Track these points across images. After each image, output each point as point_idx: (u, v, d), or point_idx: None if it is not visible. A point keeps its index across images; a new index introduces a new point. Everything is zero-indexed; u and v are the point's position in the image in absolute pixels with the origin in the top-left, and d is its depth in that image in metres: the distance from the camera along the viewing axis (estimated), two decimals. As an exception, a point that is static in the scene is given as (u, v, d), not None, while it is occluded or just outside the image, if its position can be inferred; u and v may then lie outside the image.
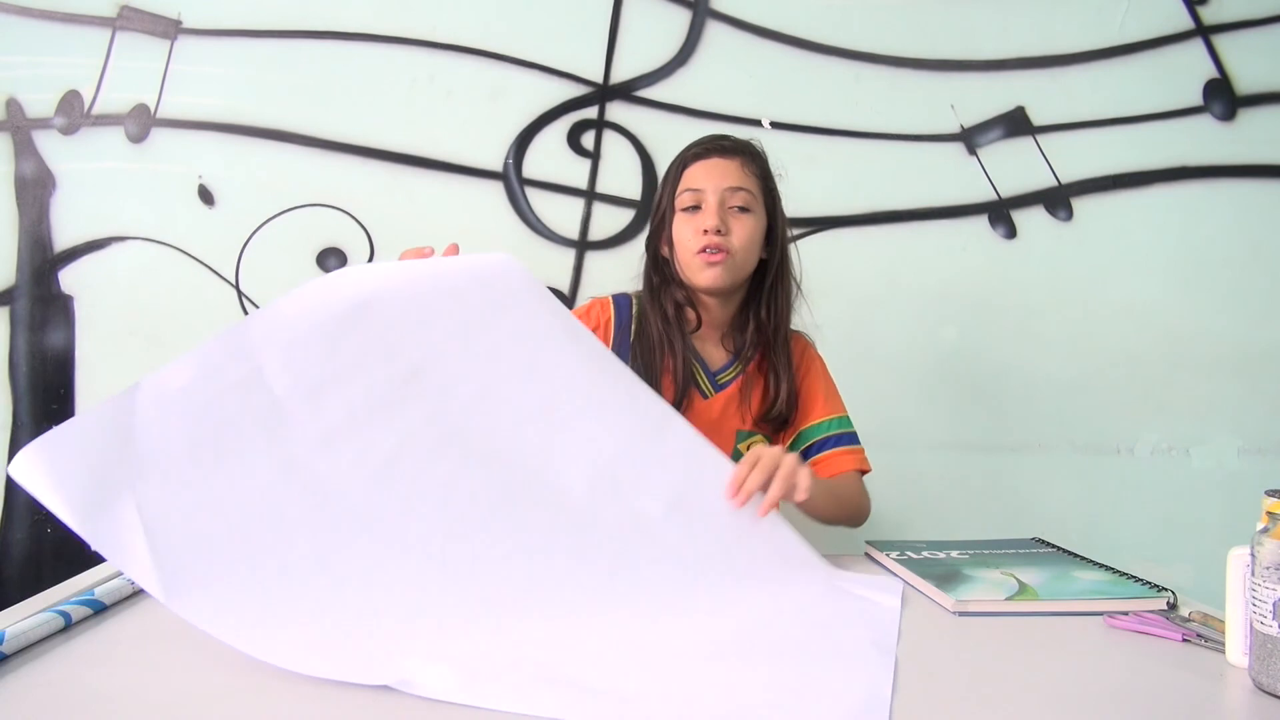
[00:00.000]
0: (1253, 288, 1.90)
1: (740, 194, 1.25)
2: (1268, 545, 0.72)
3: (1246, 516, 0.79)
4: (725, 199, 1.25)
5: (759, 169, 1.29)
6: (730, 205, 1.25)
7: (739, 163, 1.27)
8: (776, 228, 1.30)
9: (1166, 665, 0.79)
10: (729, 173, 1.26)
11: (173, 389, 0.83)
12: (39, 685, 0.73)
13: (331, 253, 1.86)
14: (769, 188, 1.30)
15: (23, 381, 1.85)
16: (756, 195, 1.27)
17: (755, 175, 1.28)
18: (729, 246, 1.23)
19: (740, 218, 1.25)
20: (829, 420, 1.32)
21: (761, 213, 1.28)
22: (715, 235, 1.22)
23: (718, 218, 1.23)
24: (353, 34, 1.85)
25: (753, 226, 1.26)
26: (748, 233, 1.25)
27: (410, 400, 0.90)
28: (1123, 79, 1.88)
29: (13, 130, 1.83)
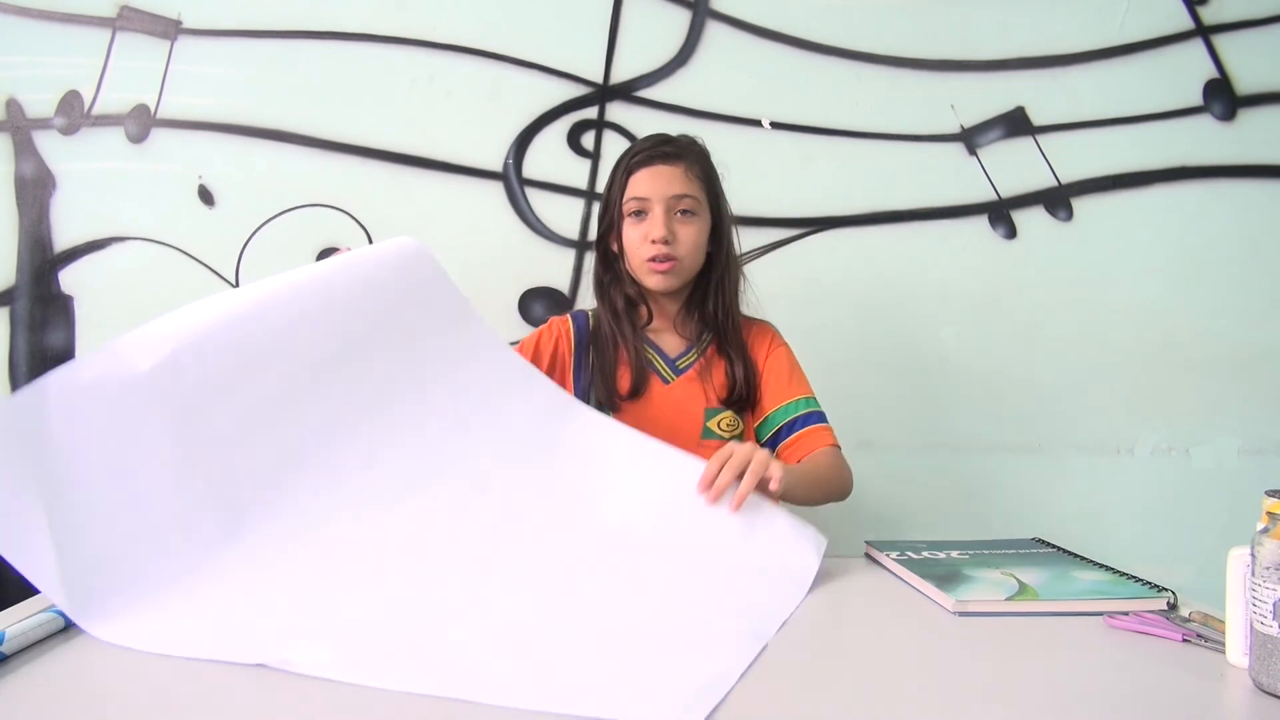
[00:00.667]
0: (1253, 288, 1.90)
1: (685, 200, 1.29)
2: (1268, 545, 0.72)
3: (1246, 516, 0.79)
4: (671, 206, 1.28)
5: (702, 170, 1.32)
6: (676, 211, 1.29)
7: (683, 168, 1.30)
8: (722, 224, 1.34)
9: (1166, 665, 0.79)
10: (674, 180, 1.29)
11: (81, 384, 0.82)
12: (39, 685, 0.73)
13: (331, 253, 1.86)
14: (713, 188, 1.33)
15: (23, 381, 1.84)
16: (701, 198, 1.31)
17: (699, 178, 1.31)
18: (676, 254, 1.28)
19: (685, 223, 1.29)
20: (796, 401, 1.35)
21: (706, 214, 1.32)
22: (663, 245, 1.27)
23: (665, 228, 1.27)
24: (353, 34, 1.85)
25: (698, 230, 1.30)
26: (693, 237, 1.30)
27: (326, 386, 0.94)
28: (1123, 79, 1.88)
29: (13, 130, 1.83)
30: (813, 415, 1.35)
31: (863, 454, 1.88)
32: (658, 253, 1.27)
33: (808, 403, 1.36)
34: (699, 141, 1.38)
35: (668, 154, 1.31)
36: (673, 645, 0.80)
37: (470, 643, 0.79)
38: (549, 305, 1.86)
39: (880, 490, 1.89)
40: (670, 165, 1.30)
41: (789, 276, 1.87)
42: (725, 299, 1.34)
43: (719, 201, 1.35)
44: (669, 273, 1.29)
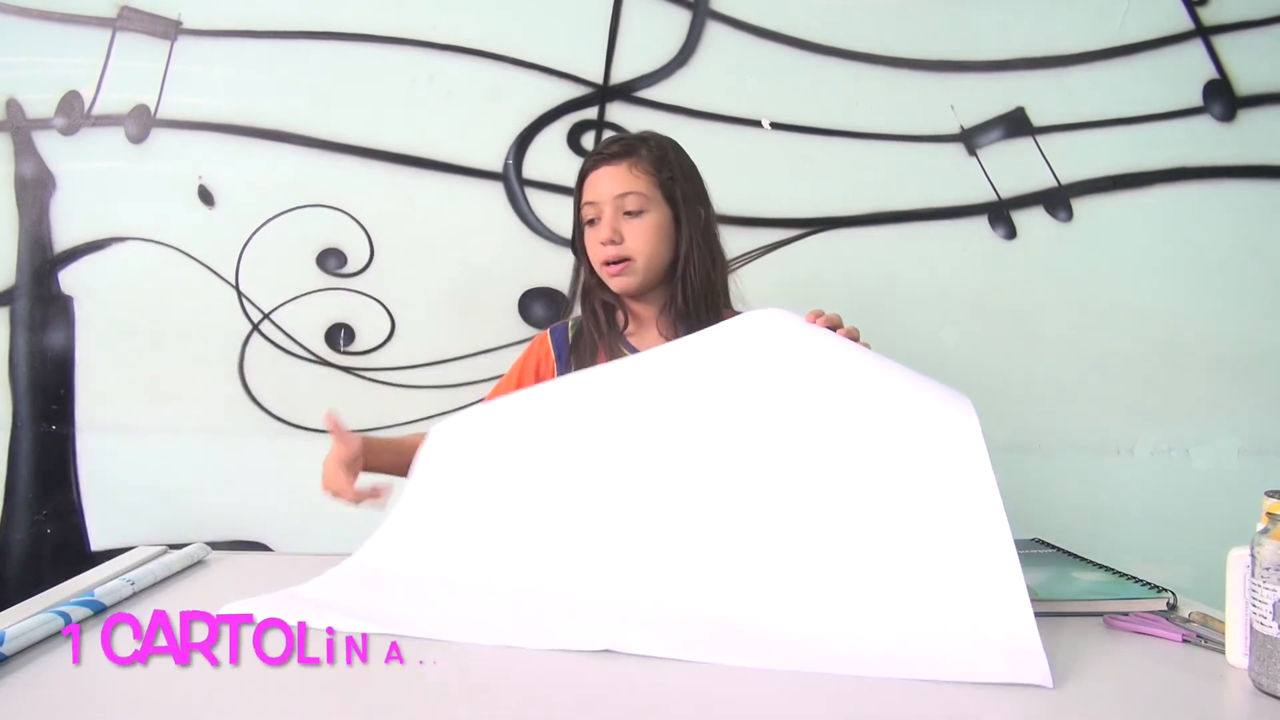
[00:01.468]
0: (1253, 288, 1.90)
1: (630, 198, 1.27)
2: (1268, 546, 0.72)
3: (1246, 516, 0.79)
4: (618, 206, 1.27)
5: (651, 164, 1.29)
6: (623, 211, 1.27)
7: (625, 166, 1.28)
8: (682, 216, 1.29)
9: (1166, 666, 0.79)
10: (616, 179, 1.27)
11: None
12: (39, 685, 0.73)
13: (331, 253, 1.86)
14: (667, 178, 1.29)
15: (23, 381, 1.85)
16: (649, 193, 1.27)
17: (646, 173, 1.28)
18: (628, 254, 1.26)
19: (633, 222, 1.27)
20: None
21: (660, 207, 1.28)
22: (612, 247, 1.26)
23: (610, 229, 1.26)
24: (353, 34, 1.85)
25: (648, 226, 1.27)
26: (643, 234, 1.27)
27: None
28: (1123, 79, 1.88)
29: (13, 130, 1.83)
30: None
31: (863, 454, 1.88)
32: (608, 255, 1.27)
33: None
34: (656, 137, 1.34)
35: (612, 154, 1.29)
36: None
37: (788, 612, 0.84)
38: (549, 305, 1.86)
39: (880, 490, 1.89)
40: (614, 165, 1.28)
41: (789, 276, 1.87)
42: (693, 293, 1.29)
43: (679, 194, 1.30)
44: (624, 274, 1.27)
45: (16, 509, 1.85)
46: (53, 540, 1.85)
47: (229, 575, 1.07)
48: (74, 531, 1.85)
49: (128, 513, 1.86)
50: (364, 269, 1.87)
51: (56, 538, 1.85)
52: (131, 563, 1.06)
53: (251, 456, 1.86)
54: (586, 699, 0.72)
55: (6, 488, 1.85)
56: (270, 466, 1.86)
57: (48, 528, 1.85)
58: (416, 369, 1.85)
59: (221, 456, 1.85)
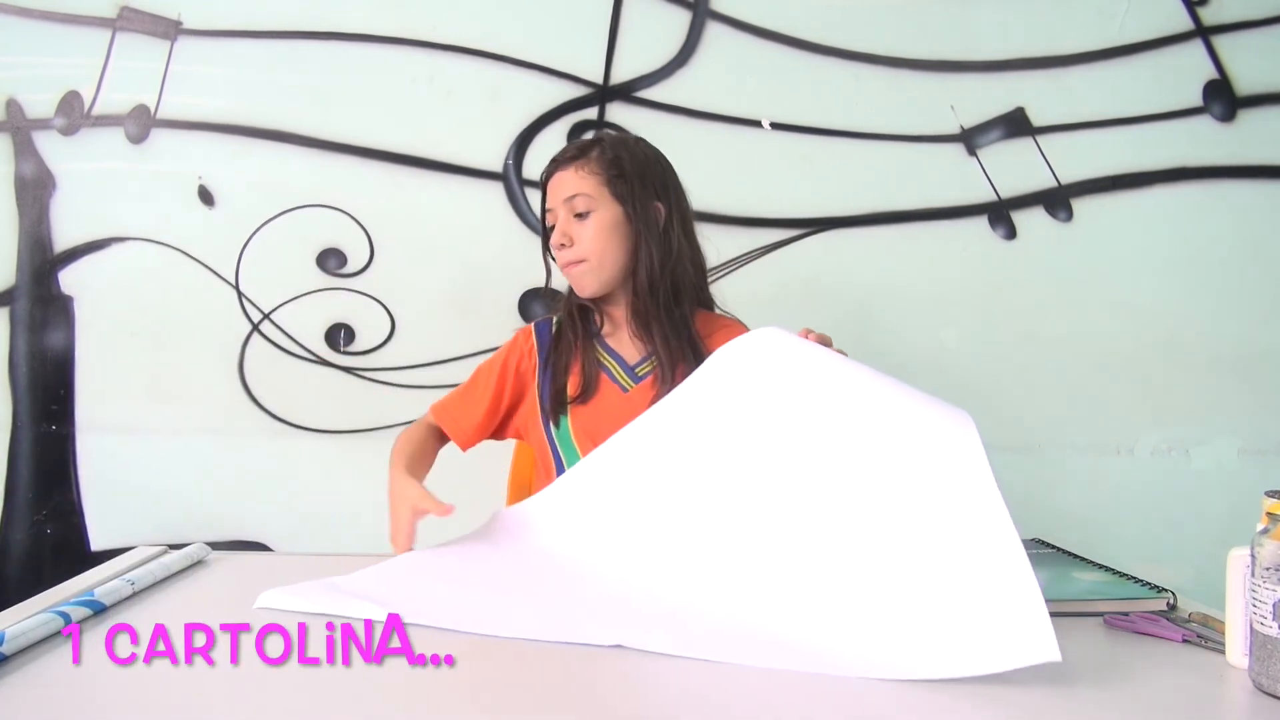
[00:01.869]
0: (1253, 288, 1.90)
1: (578, 199, 1.28)
2: (1268, 546, 0.72)
3: (1246, 516, 0.79)
4: (569, 209, 1.29)
5: (600, 165, 1.29)
6: (573, 214, 1.29)
7: (573, 169, 1.29)
8: (635, 211, 1.29)
9: (1166, 666, 0.79)
10: (565, 183, 1.29)
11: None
12: (39, 685, 0.73)
13: (331, 253, 1.86)
14: (615, 176, 1.29)
15: (23, 381, 1.85)
16: (595, 194, 1.28)
17: (594, 174, 1.29)
18: (580, 255, 1.28)
19: (581, 223, 1.29)
20: None
21: (608, 206, 1.29)
22: (565, 250, 1.28)
23: (561, 232, 1.28)
24: (353, 34, 1.85)
25: (596, 226, 1.28)
26: (593, 232, 1.28)
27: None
28: (1123, 79, 1.88)
29: (13, 130, 1.83)
30: None
31: (863, 454, 1.88)
32: (564, 258, 1.29)
33: None
34: (615, 138, 1.34)
35: (564, 159, 1.31)
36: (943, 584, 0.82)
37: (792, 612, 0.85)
38: (549, 305, 1.86)
39: (880, 490, 1.89)
40: (563, 169, 1.30)
41: (789, 276, 1.87)
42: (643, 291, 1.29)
43: (629, 193, 1.30)
44: (580, 274, 1.29)
45: (16, 509, 1.85)
46: (53, 540, 1.85)
47: (229, 575, 1.07)
48: (74, 531, 1.85)
49: (128, 513, 1.86)
50: (364, 269, 1.87)
51: (56, 538, 1.85)
52: (131, 563, 1.06)
53: (251, 456, 1.86)
54: (592, 699, 0.72)
55: (6, 488, 1.85)
56: (270, 466, 1.86)
57: (48, 528, 1.85)
58: (416, 369, 1.85)
59: (221, 456, 1.85)
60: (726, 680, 0.75)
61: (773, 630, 0.85)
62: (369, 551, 1.12)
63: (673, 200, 1.34)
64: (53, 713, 0.69)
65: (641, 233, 1.29)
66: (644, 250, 1.30)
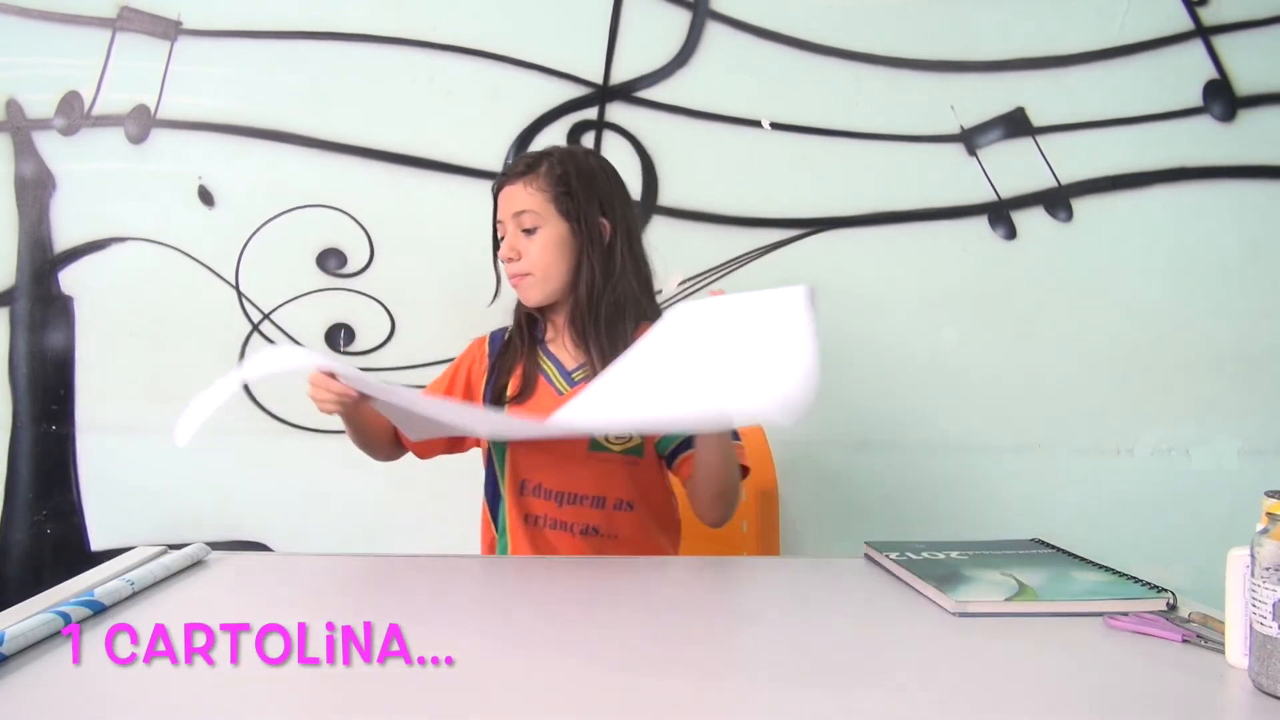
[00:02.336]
0: (1253, 288, 1.90)
1: (525, 215, 1.31)
2: (1268, 546, 0.72)
3: (1246, 516, 0.79)
4: (516, 224, 1.31)
5: (548, 182, 1.31)
6: (521, 229, 1.31)
7: (521, 184, 1.32)
8: (581, 227, 1.32)
9: (1166, 666, 0.79)
10: (514, 197, 1.32)
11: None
12: (39, 685, 0.73)
13: (331, 253, 1.86)
14: (562, 193, 1.32)
15: (23, 381, 1.85)
16: (542, 210, 1.31)
17: (541, 190, 1.31)
18: (526, 269, 1.31)
19: (528, 238, 1.31)
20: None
21: (554, 222, 1.31)
22: (511, 263, 1.31)
23: (508, 245, 1.32)
24: (353, 34, 1.85)
25: (542, 242, 1.31)
26: (538, 249, 1.31)
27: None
28: (1123, 79, 1.88)
29: (13, 131, 1.83)
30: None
31: (862, 454, 1.88)
32: (510, 271, 1.33)
33: None
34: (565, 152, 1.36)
35: (514, 173, 1.33)
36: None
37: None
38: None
39: (880, 490, 1.89)
40: (512, 184, 1.32)
41: (789, 276, 1.85)
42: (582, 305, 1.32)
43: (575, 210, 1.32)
44: (525, 286, 1.32)
45: (16, 509, 1.85)
46: (53, 540, 1.85)
47: (229, 575, 1.07)
48: (74, 531, 1.85)
49: (128, 513, 1.86)
50: (364, 269, 1.87)
51: (56, 538, 1.85)
52: (131, 563, 1.06)
53: (251, 456, 1.86)
54: (592, 700, 0.72)
55: (6, 488, 1.85)
56: (270, 466, 1.86)
57: (48, 528, 1.85)
58: (416, 369, 1.85)
59: (221, 456, 1.85)
60: (727, 681, 0.75)
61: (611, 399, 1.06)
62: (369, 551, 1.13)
63: (618, 216, 1.36)
64: (53, 713, 0.69)
65: (585, 249, 1.32)
66: (586, 266, 1.32)
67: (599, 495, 1.30)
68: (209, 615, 0.86)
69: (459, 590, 1.04)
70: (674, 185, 1.87)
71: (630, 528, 1.31)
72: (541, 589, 1.02)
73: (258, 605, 0.95)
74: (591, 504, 1.30)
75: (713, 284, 1.88)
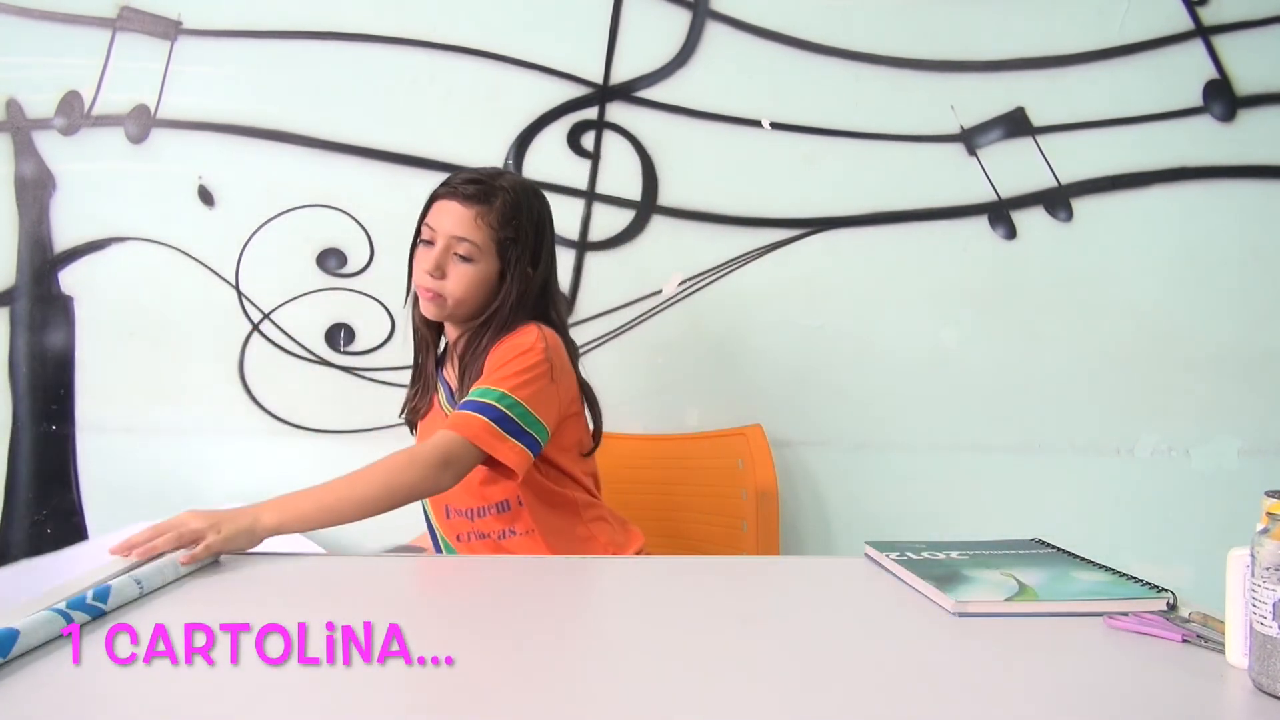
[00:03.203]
0: (1253, 288, 1.90)
1: (465, 244, 1.29)
2: (1268, 546, 0.72)
3: (1246, 517, 0.79)
4: (450, 245, 1.29)
5: (500, 218, 1.30)
6: (454, 251, 1.29)
7: (475, 213, 1.29)
8: (509, 275, 1.31)
9: (1166, 666, 0.79)
10: (461, 221, 1.29)
11: None
12: (39, 685, 0.73)
13: (331, 253, 1.87)
14: (508, 236, 1.30)
15: (23, 381, 1.85)
16: (484, 246, 1.29)
17: (490, 225, 1.29)
18: (443, 291, 1.30)
19: (461, 266, 1.30)
20: (476, 390, 1.26)
21: (490, 261, 1.31)
22: (430, 278, 1.29)
23: (434, 261, 1.29)
24: (353, 34, 1.85)
25: (472, 276, 1.30)
26: (465, 281, 1.29)
27: None
28: (1123, 79, 1.88)
29: (13, 130, 1.83)
30: (471, 403, 1.23)
31: (862, 454, 1.88)
32: (423, 284, 1.30)
33: (481, 393, 1.24)
34: (516, 189, 1.33)
35: (466, 194, 1.30)
36: None
37: None
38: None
39: (880, 490, 1.89)
40: (464, 205, 1.29)
41: (789, 276, 1.88)
42: (481, 345, 1.30)
43: (512, 255, 1.31)
44: (431, 304, 1.30)
45: (16, 509, 1.85)
46: (53, 540, 1.85)
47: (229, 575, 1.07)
48: (74, 531, 1.85)
49: (128, 513, 1.85)
50: (364, 269, 1.87)
51: (56, 538, 1.85)
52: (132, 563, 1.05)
53: (251, 456, 1.86)
54: (592, 700, 0.72)
55: (6, 488, 1.85)
56: (270, 466, 1.86)
57: (48, 528, 1.85)
58: (416, 369, 1.85)
59: (221, 456, 1.85)
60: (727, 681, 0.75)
61: None
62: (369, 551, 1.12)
63: (544, 262, 1.36)
64: (53, 713, 0.69)
65: (506, 292, 1.31)
66: (497, 306, 1.32)
67: (503, 500, 1.32)
68: (209, 615, 0.86)
69: (459, 590, 1.04)
70: (674, 185, 1.87)
71: (528, 522, 1.32)
72: (541, 589, 1.02)
73: (258, 605, 0.95)
74: (496, 510, 1.33)
75: (713, 283, 1.88)
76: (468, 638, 0.85)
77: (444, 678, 0.75)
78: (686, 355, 1.88)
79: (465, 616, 0.94)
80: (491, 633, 0.88)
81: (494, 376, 1.25)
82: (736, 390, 1.88)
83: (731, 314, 1.88)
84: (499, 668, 0.78)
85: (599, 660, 0.80)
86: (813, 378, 1.88)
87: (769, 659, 0.81)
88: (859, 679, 0.76)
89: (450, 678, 0.75)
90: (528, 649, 0.82)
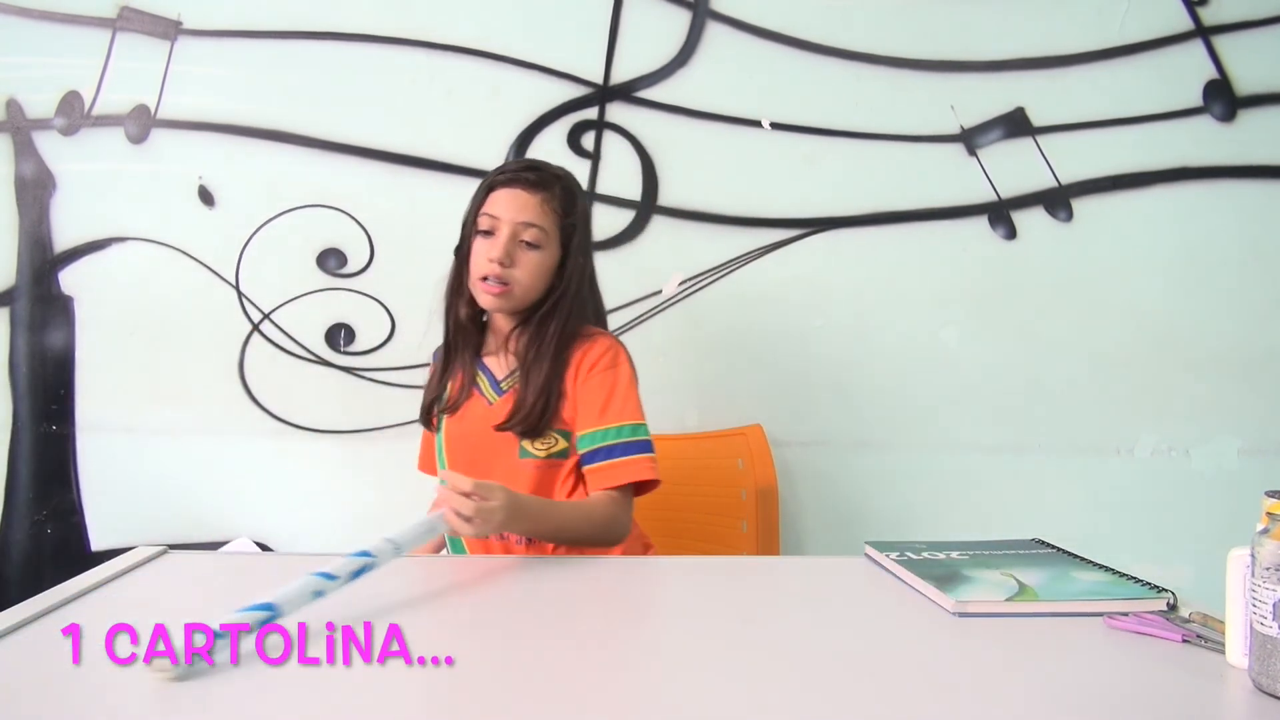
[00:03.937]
0: (1253, 288, 1.90)
1: (532, 230, 1.29)
2: (1268, 546, 0.72)
3: (1246, 517, 0.79)
4: (517, 231, 1.29)
5: (562, 205, 1.31)
6: (521, 239, 1.29)
7: (540, 198, 1.30)
8: (569, 261, 1.32)
9: (1166, 666, 0.79)
10: (527, 206, 1.29)
11: None
12: (39, 685, 0.73)
13: (331, 253, 1.87)
14: (570, 222, 1.32)
15: (23, 381, 1.85)
16: (550, 231, 1.30)
17: (555, 211, 1.30)
18: (511, 279, 1.28)
19: (528, 253, 1.29)
20: (601, 431, 1.28)
21: (554, 248, 1.31)
22: (499, 267, 1.27)
23: (504, 249, 1.28)
24: (353, 34, 1.85)
25: (539, 262, 1.30)
26: (533, 268, 1.29)
27: None
28: (1123, 79, 1.88)
29: (13, 131, 1.83)
30: (616, 448, 1.27)
31: (863, 454, 1.88)
32: (492, 273, 1.28)
33: (616, 433, 1.28)
34: (570, 177, 1.36)
35: (529, 180, 1.30)
36: None
37: None
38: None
39: (880, 490, 1.89)
40: (529, 192, 1.29)
41: (789, 276, 1.88)
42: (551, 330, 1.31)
43: (573, 238, 1.33)
44: (500, 296, 1.29)
45: (16, 509, 1.85)
46: (53, 540, 1.85)
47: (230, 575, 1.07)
48: (74, 531, 1.85)
49: (128, 513, 1.86)
50: (364, 269, 1.87)
51: (56, 538, 1.85)
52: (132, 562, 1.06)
53: (251, 456, 1.86)
54: (592, 700, 0.72)
55: (6, 488, 1.85)
56: (270, 466, 1.86)
57: (48, 528, 1.85)
58: (416, 369, 1.85)
59: (221, 456, 1.85)
60: (727, 681, 0.75)
61: None
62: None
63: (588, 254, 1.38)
64: (53, 713, 0.69)
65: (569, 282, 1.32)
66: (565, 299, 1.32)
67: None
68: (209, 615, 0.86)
69: (459, 590, 1.04)
70: (674, 185, 1.87)
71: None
72: (541, 589, 1.02)
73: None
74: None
75: (713, 284, 1.88)
76: (468, 638, 0.85)
77: (444, 678, 0.75)
78: (686, 355, 1.88)
79: (465, 616, 0.94)
80: (491, 633, 0.88)
81: (616, 408, 1.29)
82: (736, 390, 1.88)
83: (731, 314, 1.88)
84: (499, 668, 0.78)
85: (599, 660, 0.80)
86: (813, 378, 1.88)
87: (769, 659, 0.81)
88: (859, 679, 0.76)
89: (450, 678, 0.75)
90: (528, 649, 0.82)
